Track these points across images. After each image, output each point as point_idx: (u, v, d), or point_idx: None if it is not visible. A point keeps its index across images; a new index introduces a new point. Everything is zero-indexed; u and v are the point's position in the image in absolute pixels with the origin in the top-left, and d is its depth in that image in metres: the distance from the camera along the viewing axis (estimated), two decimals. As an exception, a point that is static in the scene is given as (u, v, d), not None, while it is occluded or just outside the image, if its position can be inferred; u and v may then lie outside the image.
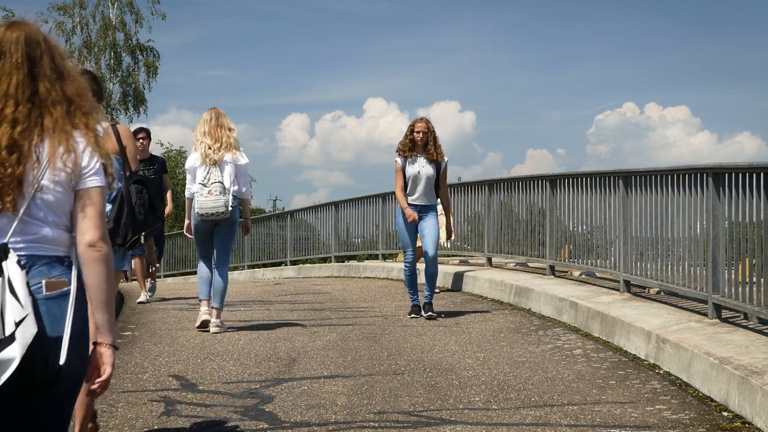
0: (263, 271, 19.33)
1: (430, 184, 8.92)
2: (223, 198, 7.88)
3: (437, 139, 8.99)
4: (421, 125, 8.94)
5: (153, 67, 41.49)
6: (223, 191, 7.89)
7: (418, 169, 8.90)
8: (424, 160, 8.92)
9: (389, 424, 4.99)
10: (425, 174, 8.89)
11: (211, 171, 7.93)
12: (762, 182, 6.26)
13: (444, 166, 8.99)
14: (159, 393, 5.77)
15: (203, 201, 7.90)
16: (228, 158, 7.99)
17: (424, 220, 8.97)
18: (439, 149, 8.95)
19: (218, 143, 7.98)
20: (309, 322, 8.94)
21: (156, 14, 41.23)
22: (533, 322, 8.73)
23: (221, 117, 8.09)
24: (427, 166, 8.91)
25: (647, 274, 8.41)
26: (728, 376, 5.32)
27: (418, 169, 8.90)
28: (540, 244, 11.23)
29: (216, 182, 7.89)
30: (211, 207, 7.89)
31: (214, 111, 8.11)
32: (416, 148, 8.94)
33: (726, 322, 6.88)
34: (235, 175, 8.02)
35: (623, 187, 8.86)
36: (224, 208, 7.89)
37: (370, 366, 6.61)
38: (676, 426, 4.90)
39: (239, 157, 8.05)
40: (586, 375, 6.21)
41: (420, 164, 8.91)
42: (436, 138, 8.98)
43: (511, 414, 5.18)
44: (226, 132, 8.04)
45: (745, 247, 6.66)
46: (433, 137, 8.95)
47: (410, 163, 8.94)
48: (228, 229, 8.11)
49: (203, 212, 7.91)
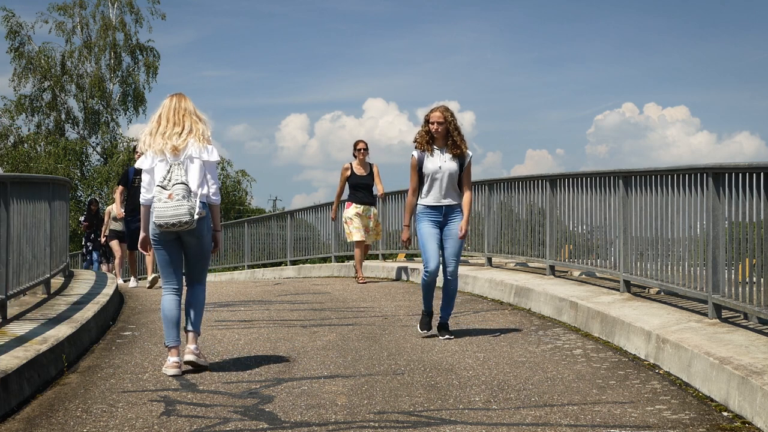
0: (263, 271, 19.33)
1: (453, 181, 7.76)
2: (187, 203, 6.16)
3: (459, 130, 7.78)
4: (436, 115, 7.74)
5: (153, 67, 41.54)
6: (187, 195, 6.18)
7: (440, 164, 7.74)
8: (447, 154, 7.77)
9: (389, 424, 4.99)
10: (447, 170, 7.74)
11: (172, 169, 6.26)
12: (762, 182, 6.26)
13: (468, 162, 7.81)
14: (159, 393, 5.77)
15: (162, 208, 6.17)
16: (194, 152, 6.32)
17: (449, 226, 7.82)
18: (463, 142, 7.78)
19: (179, 127, 6.36)
20: (309, 322, 8.94)
21: (156, 14, 41.39)
22: (533, 322, 8.73)
23: (185, 101, 6.48)
24: (449, 161, 7.75)
25: (647, 274, 8.41)
26: (728, 376, 5.32)
27: (440, 164, 7.74)
28: (540, 244, 11.24)
29: (178, 183, 6.20)
30: (171, 215, 6.15)
31: (176, 95, 6.51)
32: (436, 142, 7.80)
33: (726, 322, 6.88)
34: (203, 175, 6.35)
35: (623, 187, 8.86)
36: (188, 216, 6.15)
37: (370, 366, 6.61)
38: (676, 426, 4.90)
39: (209, 152, 6.38)
40: (586, 375, 6.22)
41: (441, 158, 7.75)
42: (458, 128, 7.77)
43: (511, 414, 5.18)
44: (192, 117, 6.42)
45: (745, 247, 6.66)
46: (455, 128, 7.75)
47: (429, 157, 7.78)
48: (198, 243, 6.41)
49: (162, 222, 6.18)
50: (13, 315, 7.73)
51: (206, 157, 6.33)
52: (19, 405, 5.42)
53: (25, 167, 38.26)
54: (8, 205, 7.48)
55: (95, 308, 8.46)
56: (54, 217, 10.20)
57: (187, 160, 6.30)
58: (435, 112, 7.74)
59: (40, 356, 6.09)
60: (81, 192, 40.22)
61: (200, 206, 6.25)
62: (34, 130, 41.27)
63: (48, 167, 37.82)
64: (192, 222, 6.19)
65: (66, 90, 41.30)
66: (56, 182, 10.73)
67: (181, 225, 6.18)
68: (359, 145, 13.05)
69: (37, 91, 40.84)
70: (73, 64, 40.94)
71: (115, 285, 10.95)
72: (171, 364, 6.34)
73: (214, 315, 9.54)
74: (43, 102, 41.07)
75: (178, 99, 6.45)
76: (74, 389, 5.92)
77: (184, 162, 6.29)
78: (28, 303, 8.67)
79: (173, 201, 6.15)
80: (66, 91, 41.33)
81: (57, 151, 39.69)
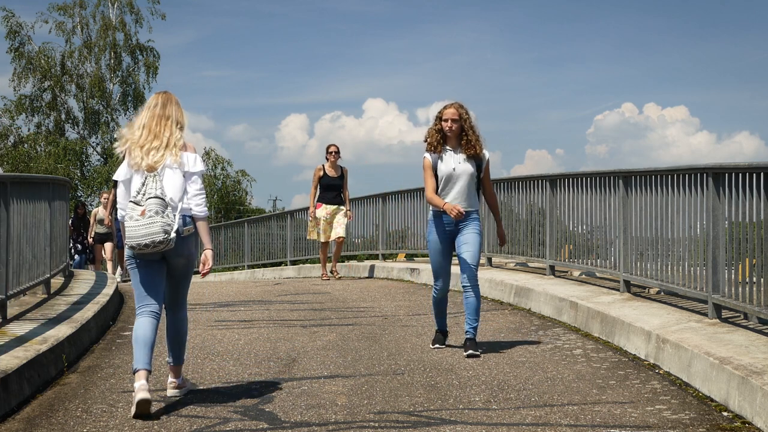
0: (263, 271, 19.34)
1: (469, 184, 7.10)
2: (161, 220, 5.30)
3: (474, 128, 7.13)
4: (450, 112, 7.08)
5: (153, 67, 41.55)
6: (161, 210, 5.33)
7: (453, 166, 7.07)
8: (461, 155, 7.12)
9: (389, 424, 4.99)
10: (462, 172, 7.07)
11: (147, 182, 5.42)
12: (762, 182, 6.26)
13: (486, 163, 7.20)
14: (159, 393, 5.77)
15: (133, 227, 5.32)
16: (172, 162, 5.48)
17: (463, 232, 7.13)
18: (479, 142, 7.13)
19: (158, 141, 5.52)
20: (309, 322, 8.94)
21: (156, 14, 41.40)
22: (533, 322, 8.73)
23: (170, 105, 5.64)
24: (465, 163, 7.09)
25: (647, 274, 8.41)
26: (728, 376, 5.32)
27: (453, 166, 7.07)
28: (540, 244, 11.24)
29: (152, 197, 5.36)
30: (143, 235, 5.29)
31: (162, 96, 5.69)
32: (449, 141, 7.16)
33: (726, 322, 6.88)
34: (184, 188, 5.49)
35: (623, 187, 8.86)
36: (163, 235, 5.28)
37: (370, 366, 6.61)
38: (676, 426, 4.90)
39: (191, 162, 5.55)
40: (586, 375, 6.22)
41: (455, 160, 7.10)
42: (473, 127, 7.12)
43: (511, 414, 5.18)
44: (172, 127, 5.57)
45: (745, 247, 6.66)
46: (470, 126, 7.10)
47: (442, 159, 7.13)
48: (186, 264, 5.62)
49: (134, 243, 5.32)
50: (13, 315, 7.73)
51: (187, 167, 5.50)
52: (19, 405, 5.42)
53: (25, 167, 38.27)
54: (8, 205, 7.48)
55: (95, 308, 8.47)
56: (54, 217, 10.20)
57: (166, 169, 5.47)
58: (449, 108, 7.11)
59: (40, 356, 6.09)
60: (81, 192, 40.22)
61: (181, 221, 5.41)
62: (34, 130, 41.28)
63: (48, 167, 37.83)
64: (169, 241, 5.31)
65: (66, 90, 41.31)
66: (56, 182, 10.73)
67: (156, 245, 5.29)
68: (330, 148, 13.89)
69: (37, 91, 40.85)
70: (73, 64, 40.96)
71: (116, 285, 10.96)
72: (141, 388, 5.20)
73: (214, 315, 9.55)
74: (43, 102, 41.08)
75: (163, 105, 5.60)
76: (74, 389, 5.92)
77: (162, 172, 5.46)
78: (28, 303, 8.67)
79: (145, 218, 5.30)
80: (66, 91, 41.34)
81: (57, 151, 39.70)
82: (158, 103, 5.60)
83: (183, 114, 5.64)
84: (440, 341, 7.40)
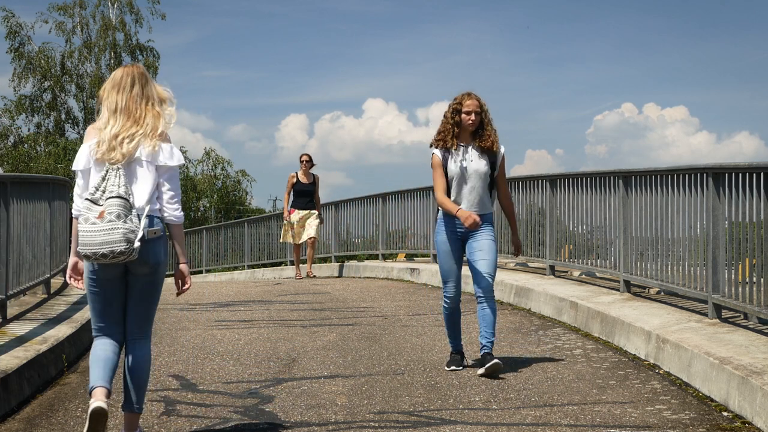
0: (263, 271, 19.33)
1: (483, 185, 6.40)
2: (123, 226, 4.23)
3: (492, 122, 6.46)
4: (471, 103, 6.35)
5: (153, 68, 41.48)
6: (124, 214, 4.27)
7: (466, 164, 6.36)
8: (475, 151, 6.41)
9: (389, 424, 4.99)
10: (475, 170, 6.38)
11: (108, 176, 4.36)
12: (762, 182, 6.26)
13: (502, 159, 6.51)
14: (159, 393, 5.77)
15: (88, 232, 4.26)
16: (143, 153, 4.43)
17: (476, 237, 6.41)
18: (495, 135, 6.43)
19: (137, 126, 4.47)
20: (309, 322, 8.94)
21: (156, 14, 41.34)
22: (533, 322, 8.73)
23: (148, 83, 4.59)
24: (477, 160, 6.38)
25: (647, 274, 8.41)
26: (728, 376, 5.32)
27: (466, 165, 6.36)
28: (540, 244, 11.24)
29: (113, 197, 4.29)
30: (100, 243, 4.22)
31: (133, 69, 4.59)
32: (462, 136, 6.45)
33: (726, 322, 6.88)
34: (156, 186, 4.46)
35: (623, 187, 8.86)
36: (125, 244, 4.23)
37: (370, 366, 6.61)
38: (676, 426, 4.90)
39: (167, 154, 4.49)
40: (586, 375, 6.22)
41: (468, 157, 6.38)
42: (490, 121, 6.45)
43: (511, 414, 5.18)
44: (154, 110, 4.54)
45: (745, 247, 6.66)
46: (488, 120, 6.44)
47: (453, 156, 6.43)
48: (151, 275, 4.46)
49: (89, 252, 4.25)
50: (13, 315, 7.73)
51: (163, 161, 4.46)
52: (19, 405, 5.42)
53: (25, 167, 38.26)
54: (8, 205, 7.48)
55: (95, 308, 8.45)
56: (54, 217, 10.20)
57: (135, 163, 4.44)
58: (470, 99, 6.37)
59: (40, 356, 6.09)
60: (81, 192, 40.17)
61: (147, 223, 4.37)
62: (34, 130, 41.26)
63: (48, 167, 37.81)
64: (131, 251, 4.25)
65: (66, 90, 41.28)
66: (56, 182, 10.73)
67: (115, 256, 4.23)
68: (303, 157, 14.85)
69: (37, 91, 40.83)
70: (73, 64, 40.94)
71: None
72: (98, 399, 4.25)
73: (214, 315, 9.55)
74: (43, 102, 41.06)
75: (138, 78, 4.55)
76: (74, 389, 5.92)
77: (130, 166, 4.42)
78: (28, 303, 8.67)
79: (103, 222, 4.24)
80: (66, 91, 41.31)
81: (57, 151, 39.67)
82: (136, 86, 4.53)
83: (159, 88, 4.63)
84: (457, 363, 6.50)
